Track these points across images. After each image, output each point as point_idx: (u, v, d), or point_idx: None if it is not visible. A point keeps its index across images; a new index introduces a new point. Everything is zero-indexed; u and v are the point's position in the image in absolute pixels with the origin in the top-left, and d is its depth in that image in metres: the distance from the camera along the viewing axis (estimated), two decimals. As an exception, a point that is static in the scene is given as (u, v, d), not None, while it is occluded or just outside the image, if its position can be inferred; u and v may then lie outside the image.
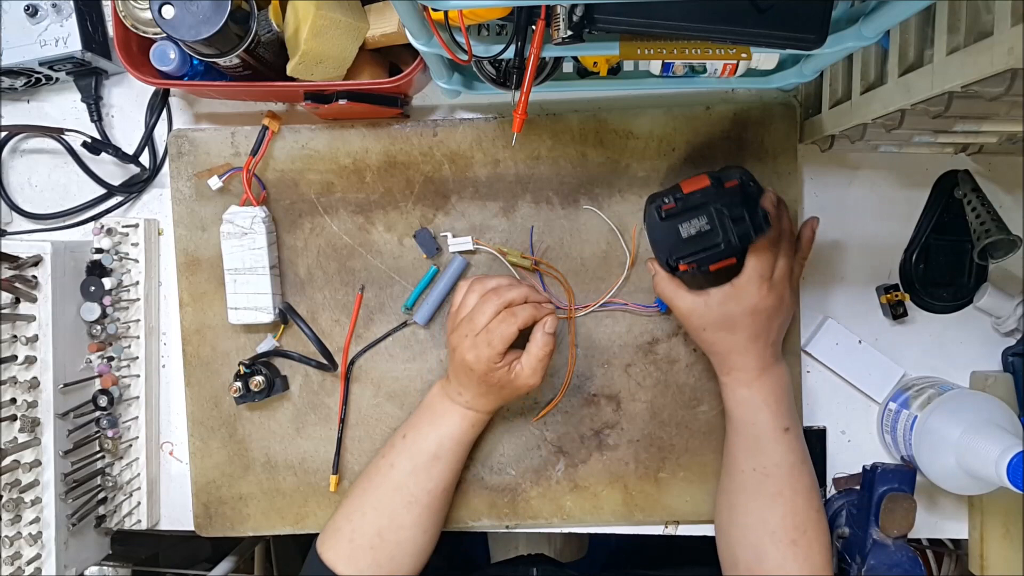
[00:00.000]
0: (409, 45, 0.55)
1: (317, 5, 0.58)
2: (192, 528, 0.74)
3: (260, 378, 0.69)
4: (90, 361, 0.69)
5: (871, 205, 0.71)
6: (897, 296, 0.70)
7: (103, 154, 0.73)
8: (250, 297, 0.68)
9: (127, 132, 0.75)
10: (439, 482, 0.65)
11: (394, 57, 0.68)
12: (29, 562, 0.64)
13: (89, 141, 0.72)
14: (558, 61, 0.63)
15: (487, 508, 0.73)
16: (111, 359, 0.69)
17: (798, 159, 0.69)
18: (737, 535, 0.63)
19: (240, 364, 0.70)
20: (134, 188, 0.74)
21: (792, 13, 0.46)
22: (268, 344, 0.71)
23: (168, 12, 0.56)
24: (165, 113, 0.74)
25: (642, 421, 0.71)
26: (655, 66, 0.63)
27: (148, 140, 0.74)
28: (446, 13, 0.49)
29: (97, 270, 0.68)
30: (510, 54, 0.54)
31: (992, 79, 0.42)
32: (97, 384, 0.69)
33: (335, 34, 0.60)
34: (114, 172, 0.75)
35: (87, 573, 0.70)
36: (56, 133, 0.73)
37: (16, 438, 0.63)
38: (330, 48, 0.60)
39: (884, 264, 0.72)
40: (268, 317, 0.69)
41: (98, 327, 0.68)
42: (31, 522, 0.64)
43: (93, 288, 0.67)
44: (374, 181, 0.71)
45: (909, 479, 0.64)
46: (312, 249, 0.72)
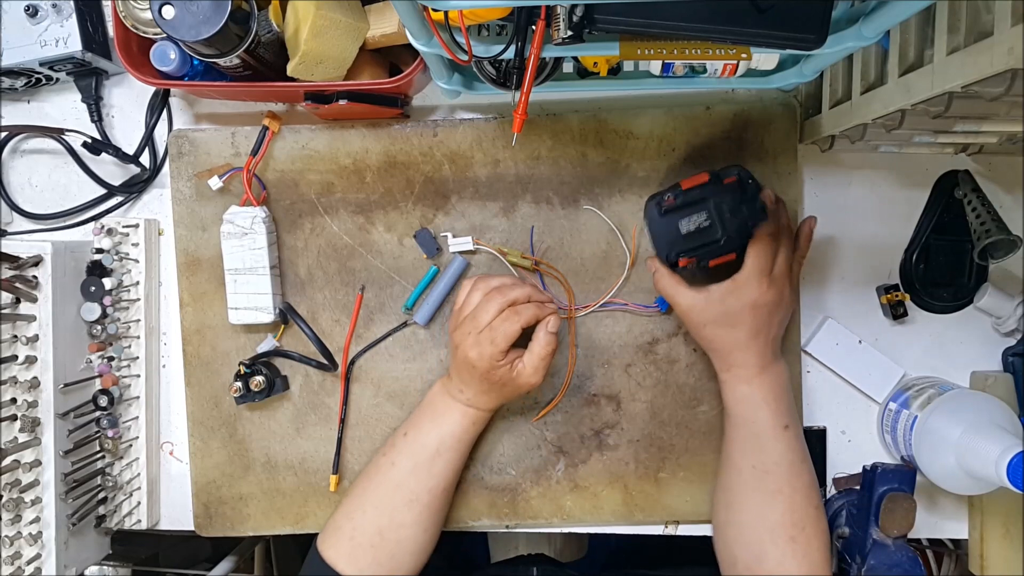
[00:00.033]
0: (409, 45, 0.55)
1: (317, 5, 0.58)
2: (192, 528, 0.74)
3: (260, 378, 0.69)
4: (90, 361, 0.69)
5: (871, 205, 0.71)
6: (897, 296, 0.70)
7: (103, 154, 0.73)
8: (250, 297, 0.69)
9: (127, 132, 0.75)
10: (440, 480, 0.65)
11: (394, 57, 0.68)
12: (29, 562, 0.64)
13: (89, 141, 0.72)
14: (558, 61, 0.63)
15: (487, 508, 0.73)
16: (111, 359, 0.69)
17: (798, 159, 0.69)
18: (735, 533, 0.63)
19: (240, 364, 0.70)
20: (134, 188, 0.74)
21: (792, 13, 0.46)
22: (268, 344, 0.71)
23: (168, 12, 0.56)
24: (165, 113, 0.74)
25: (642, 421, 0.71)
26: (655, 66, 0.63)
27: (148, 140, 0.74)
28: (446, 13, 0.49)
29: (97, 270, 0.68)
30: (510, 54, 0.54)
31: (992, 79, 0.42)
32: (97, 384, 0.69)
33: (335, 34, 0.60)
34: (114, 172, 0.75)
35: (87, 573, 0.71)
36: (56, 133, 0.73)
37: (16, 438, 0.63)
38: (330, 48, 0.61)
39: (884, 264, 0.72)
40: (268, 317, 0.69)
41: (98, 327, 0.68)
42: (31, 522, 0.64)
43: (93, 288, 0.67)
44: (374, 181, 0.71)
45: (909, 479, 0.64)
46: (312, 249, 0.72)
